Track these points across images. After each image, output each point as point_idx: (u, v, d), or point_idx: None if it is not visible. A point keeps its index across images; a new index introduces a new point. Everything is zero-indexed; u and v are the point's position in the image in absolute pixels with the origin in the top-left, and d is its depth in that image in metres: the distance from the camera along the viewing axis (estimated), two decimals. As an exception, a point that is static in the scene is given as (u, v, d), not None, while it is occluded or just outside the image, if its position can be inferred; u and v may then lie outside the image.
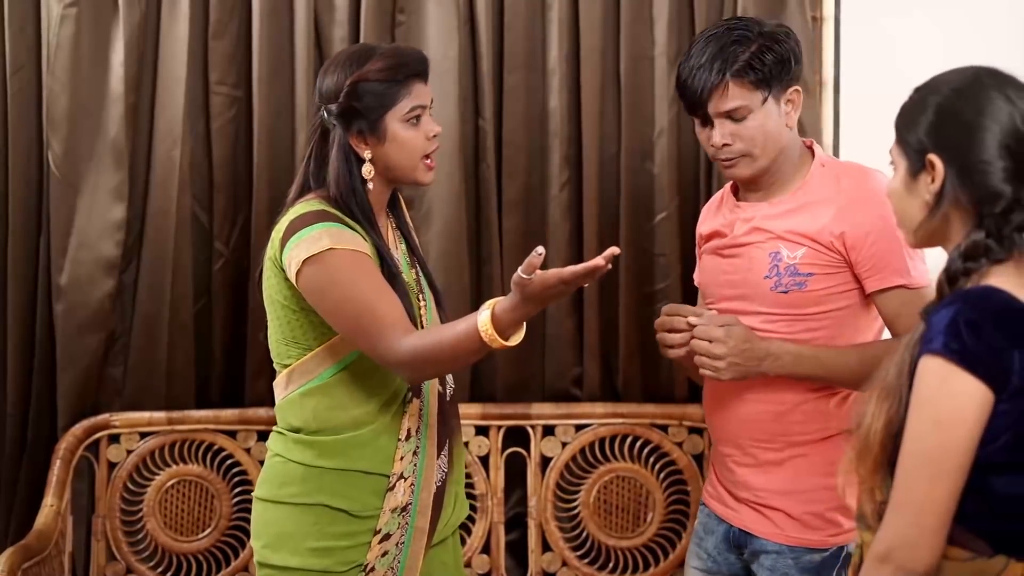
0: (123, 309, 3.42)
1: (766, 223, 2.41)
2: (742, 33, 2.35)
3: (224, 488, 3.41)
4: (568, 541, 3.46)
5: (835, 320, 2.38)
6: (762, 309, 2.41)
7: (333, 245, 2.22)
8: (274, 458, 2.40)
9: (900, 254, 2.33)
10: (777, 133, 2.37)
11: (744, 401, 2.44)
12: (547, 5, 3.43)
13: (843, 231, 2.33)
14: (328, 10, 3.41)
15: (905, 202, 1.78)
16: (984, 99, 1.70)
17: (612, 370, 3.52)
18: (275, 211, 3.34)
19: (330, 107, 2.31)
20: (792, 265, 2.37)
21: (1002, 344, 1.61)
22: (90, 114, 3.33)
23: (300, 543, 2.32)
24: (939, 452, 1.62)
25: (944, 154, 1.71)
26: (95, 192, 3.34)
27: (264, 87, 3.37)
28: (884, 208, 2.10)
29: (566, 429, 3.45)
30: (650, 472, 3.45)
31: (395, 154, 2.32)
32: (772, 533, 2.43)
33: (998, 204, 1.68)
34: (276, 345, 2.39)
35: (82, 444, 3.35)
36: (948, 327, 1.62)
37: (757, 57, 2.32)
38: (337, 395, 2.33)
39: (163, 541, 3.40)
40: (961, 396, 1.61)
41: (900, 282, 2.33)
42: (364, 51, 2.36)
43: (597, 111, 3.43)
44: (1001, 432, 1.62)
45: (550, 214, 3.45)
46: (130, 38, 3.31)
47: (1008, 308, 1.65)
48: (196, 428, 3.41)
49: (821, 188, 2.40)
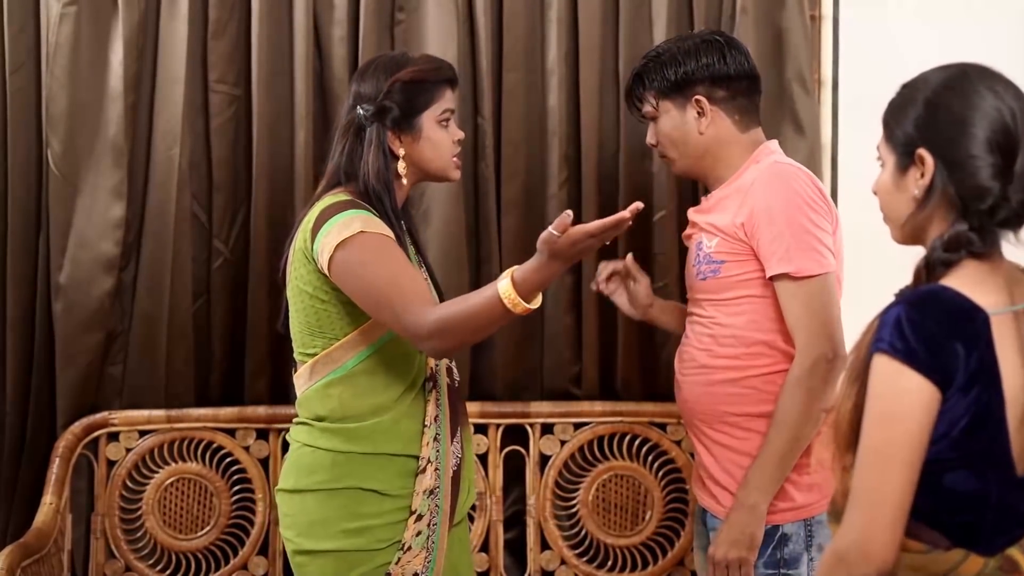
0: (122, 308, 3.41)
1: (697, 217, 2.68)
2: (655, 51, 2.67)
3: (223, 486, 3.41)
4: (567, 539, 3.46)
5: (752, 306, 2.54)
6: (696, 296, 2.66)
7: (364, 228, 2.36)
8: (301, 448, 2.49)
9: (787, 242, 2.46)
10: (684, 137, 2.63)
11: (688, 383, 2.66)
12: (546, 5, 3.43)
13: (743, 220, 2.52)
14: (327, 9, 3.41)
15: (893, 197, 1.80)
16: (973, 94, 1.71)
17: (611, 369, 3.52)
18: (274, 209, 3.39)
19: (367, 107, 2.47)
20: (708, 254, 2.59)
21: (945, 342, 1.64)
22: (89, 113, 3.33)
23: (333, 527, 2.43)
24: (889, 448, 1.65)
25: (933, 148, 1.72)
26: (94, 191, 3.34)
27: (263, 86, 3.37)
28: (776, 196, 2.46)
29: (565, 427, 3.46)
30: (648, 470, 3.46)
31: (429, 152, 2.51)
32: (717, 509, 2.60)
33: (985, 200, 1.69)
34: (300, 336, 2.49)
35: (81, 442, 3.35)
36: (894, 326, 1.65)
37: (654, 71, 2.63)
38: (360, 383, 2.45)
39: (162, 539, 3.40)
40: (907, 394, 1.64)
41: (783, 270, 2.47)
42: (400, 56, 2.56)
43: (596, 110, 3.43)
44: (949, 429, 1.65)
45: (549, 213, 3.44)
46: (129, 37, 3.31)
47: (953, 307, 1.67)
48: (195, 426, 3.41)
49: (739, 182, 2.59)
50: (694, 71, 2.59)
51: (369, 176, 2.44)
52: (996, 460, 1.67)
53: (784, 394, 2.47)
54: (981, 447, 1.66)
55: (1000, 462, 1.67)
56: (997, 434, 1.66)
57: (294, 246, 2.47)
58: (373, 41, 3.37)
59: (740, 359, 2.55)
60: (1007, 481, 1.68)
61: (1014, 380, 1.67)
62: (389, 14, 3.42)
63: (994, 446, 1.66)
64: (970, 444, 1.65)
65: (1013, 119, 1.69)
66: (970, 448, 1.65)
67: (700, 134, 2.61)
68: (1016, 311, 1.70)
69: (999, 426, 1.66)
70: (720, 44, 2.63)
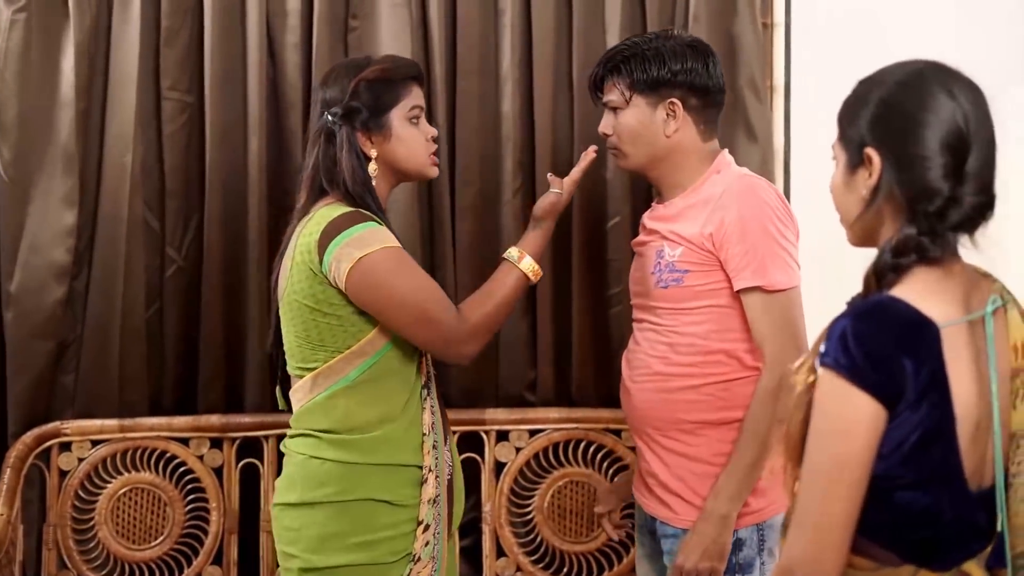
0: (74, 316, 3.39)
1: (656, 224, 2.63)
2: (639, 41, 2.61)
3: (177, 496, 3.39)
4: (522, 546, 3.46)
5: (714, 315, 2.52)
6: (651, 303, 2.61)
7: (385, 243, 2.35)
8: (307, 460, 2.42)
9: (760, 256, 2.45)
10: (647, 135, 2.58)
11: (640, 389, 2.61)
12: (500, 11, 3.44)
13: (711, 231, 2.49)
14: (280, 16, 3.40)
15: (844, 197, 1.76)
16: (927, 94, 1.66)
17: (566, 375, 3.52)
18: (228, 216, 3.37)
19: (335, 110, 2.44)
20: (671, 262, 2.55)
21: (893, 357, 1.58)
22: (40, 119, 3.31)
23: (345, 540, 2.38)
24: (832, 466, 1.60)
25: (882, 148, 1.68)
26: (45, 198, 3.31)
27: (216, 93, 3.36)
28: (749, 209, 2.43)
29: (520, 434, 3.46)
30: (604, 477, 3.46)
31: (402, 151, 2.48)
32: (669, 517, 2.58)
33: (934, 201, 1.64)
34: (300, 350, 2.43)
35: (33, 452, 3.32)
36: (839, 339, 1.59)
37: (635, 62, 2.56)
38: (365, 393, 2.41)
39: (115, 549, 3.37)
40: (851, 411, 1.59)
41: (755, 283, 2.46)
42: (363, 59, 2.55)
43: (550, 117, 3.44)
44: (899, 445, 1.60)
45: (503, 220, 3.45)
46: (81, 43, 3.29)
47: (901, 320, 1.61)
48: (148, 436, 3.38)
49: (704, 192, 2.56)
50: (676, 74, 2.55)
51: (347, 180, 2.41)
52: (948, 476, 1.63)
53: (754, 405, 2.46)
54: (932, 464, 1.61)
55: (952, 478, 1.63)
56: (948, 450, 1.62)
57: (291, 261, 2.40)
58: (326, 48, 3.37)
59: (698, 367, 2.53)
60: (960, 496, 1.64)
61: (967, 394, 1.63)
62: (343, 21, 3.42)
63: (945, 462, 1.62)
64: (920, 461, 1.60)
65: (965, 120, 1.64)
66: (920, 465, 1.60)
67: (666, 137, 2.57)
68: (971, 320, 1.66)
69: (950, 442, 1.61)
70: (705, 52, 2.60)
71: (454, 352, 2.43)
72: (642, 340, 2.65)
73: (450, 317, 2.38)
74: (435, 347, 2.43)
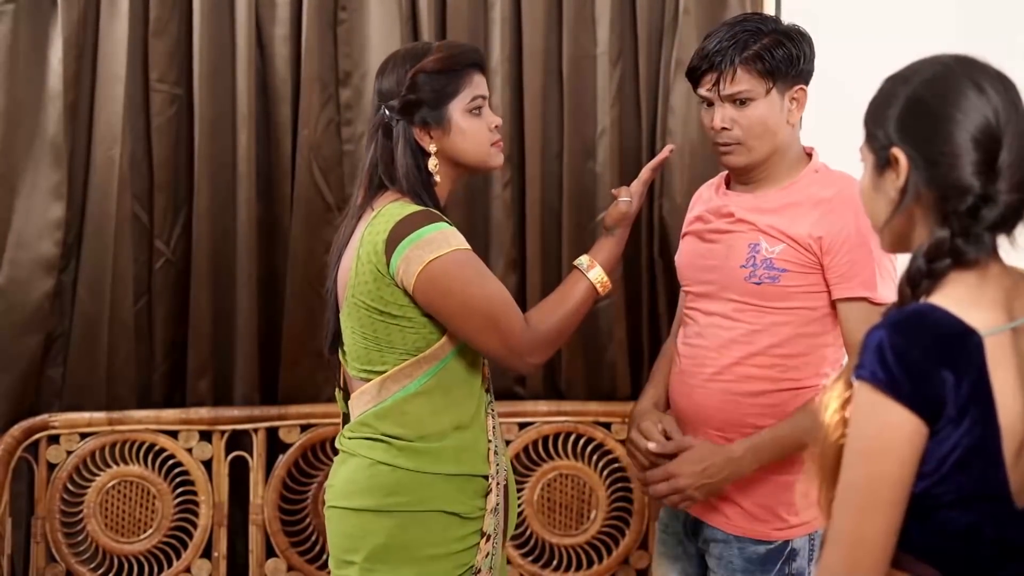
0: (62, 309, 3.38)
1: (750, 215, 2.45)
2: (757, 26, 2.40)
3: (166, 489, 3.38)
4: (512, 539, 3.45)
5: (801, 319, 2.41)
6: (734, 297, 2.45)
7: (457, 246, 2.26)
8: (376, 466, 2.31)
9: (871, 267, 2.35)
10: (776, 127, 2.41)
11: (706, 389, 2.47)
12: (489, 4, 3.43)
13: (821, 235, 2.36)
14: (269, 7, 3.39)
15: (872, 200, 1.68)
16: (954, 90, 1.57)
17: (555, 368, 3.52)
18: (216, 209, 3.36)
19: (392, 103, 2.32)
20: (769, 259, 2.41)
21: (932, 370, 1.49)
22: (28, 112, 3.29)
23: (417, 551, 2.29)
24: (868, 484, 1.51)
25: (909, 147, 1.59)
26: (33, 191, 3.30)
27: (205, 85, 3.35)
28: (863, 220, 2.10)
29: (509, 427, 3.45)
30: (593, 470, 3.46)
31: (462, 144, 2.34)
32: (721, 523, 2.47)
33: (965, 199, 1.54)
34: (365, 352, 2.33)
35: (21, 445, 3.31)
36: (875, 351, 1.50)
37: (768, 49, 2.37)
38: (436, 399, 2.32)
39: (104, 542, 3.37)
40: (889, 427, 1.49)
41: (864, 294, 2.36)
42: (421, 47, 2.41)
43: (539, 110, 3.43)
44: (940, 463, 1.50)
45: (492, 213, 3.45)
46: (68, 36, 3.27)
47: (940, 332, 1.52)
48: (137, 428, 3.38)
49: (808, 191, 2.43)
50: (809, 60, 2.41)
51: (404, 176, 2.31)
52: (991, 495, 1.52)
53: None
54: (974, 482, 1.51)
55: (996, 496, 1.53)
56: (992, 467, 1.51)
57: (356, 261, 2.29)
58: (316, 40, 3.36)
59: (776, 370, 2.42)
60: (1004, 515, 1.54)
61: (1012, 406, 1.52)
62: (332, 13, 3.41)
63: (989, 480, 1.52)
64: (962, 479, 1.50)
65: (996, 114, 1.55)
66: (962, 483, 1.50)
67: (790, 126, 2.42)
68: (1015, 328, 1.56)
69: (994, 459, 1.51)
70: (801, 31, 2.45)
71: (519, 362, 2.33)
72: (709, 335, 2.49)
73: (519, 327, 2.28)
74: (500, 355, 2.32)
